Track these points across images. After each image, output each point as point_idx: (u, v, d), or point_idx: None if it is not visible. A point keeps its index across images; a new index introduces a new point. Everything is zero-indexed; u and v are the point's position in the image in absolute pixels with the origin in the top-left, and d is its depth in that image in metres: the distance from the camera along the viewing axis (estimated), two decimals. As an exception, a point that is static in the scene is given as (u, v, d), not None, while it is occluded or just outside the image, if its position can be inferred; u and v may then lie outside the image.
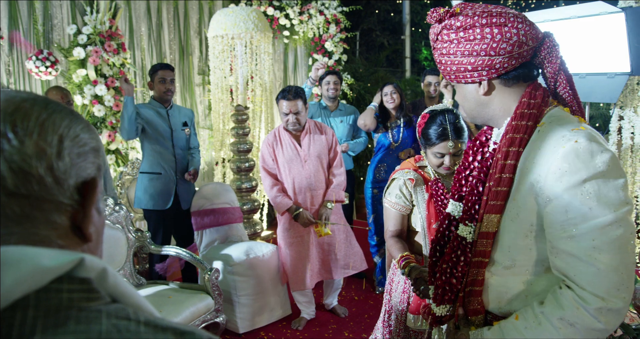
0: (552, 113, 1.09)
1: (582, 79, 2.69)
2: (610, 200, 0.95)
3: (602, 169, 0.95)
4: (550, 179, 0.98)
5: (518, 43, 1.04)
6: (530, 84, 1.11)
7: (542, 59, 1.10)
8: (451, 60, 1.10)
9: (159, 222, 3.33)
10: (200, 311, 2.81)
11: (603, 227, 0.94)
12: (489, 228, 1.10)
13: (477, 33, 1.05)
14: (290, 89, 2.91)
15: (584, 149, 0.96)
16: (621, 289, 0.96)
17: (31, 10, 3.85)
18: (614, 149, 2.78)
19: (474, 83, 1.12)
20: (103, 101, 3.99)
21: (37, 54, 3.64)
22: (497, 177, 1.08)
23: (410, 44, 7.17)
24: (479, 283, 1.13)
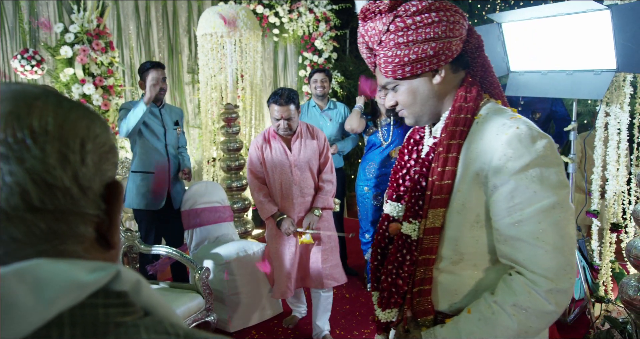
0: (488, 106, 1.11)
1: (569, 75, 2.71)
2: (552, 183, 0.97)
3: (543, 154, 0.97)
4: (495, 167, 0.99)
5: (463, 26, 1.08)
6: (466, 78, 1.13)
7: (472, 47, 1.13)
8: (410, 49, 1.05)
9: (151, 222, 3.30)
10: (191, 311, 2.80)
11: (547, 209, 0.96)
12: (435, 223, 1.08)
13: (434, 16, 1.04)
14: (283, 92, 2.74)
15: (525, 135, 0.98)
16: (567, 269, 0.97)
17: (17, 8, 3.81)
18: (600, 145, 2.81)
19: (431, 71, 1.09)
20: (91, 100, 3.95)
21: (23, 53, 3.60)
22: (440, 170, 1.07)
23: (400, 42, 7.18)
24: (428, 282, 1.11)
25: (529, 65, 2.98)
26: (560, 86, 2.76)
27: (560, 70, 2.76)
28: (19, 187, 0.43)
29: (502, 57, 3.07)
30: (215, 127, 4.43)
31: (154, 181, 3.25)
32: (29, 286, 0.39)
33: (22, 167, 0.43)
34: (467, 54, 1.13)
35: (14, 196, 0.43)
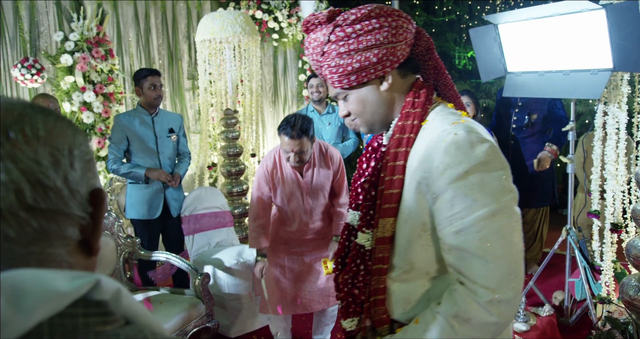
0: (436, 110, 1.08)
1: (565, 75, 2.71)
2: (493, 189, 0.94)
3: (483, 159, 0.94)
4: (434, 175, 0.97)
5: (408, 30, 1.06)
6: (416, 82, 1.11)
7: (422, 50, 1.11)
8: (352, 58, 1.04)
9: (150, 231, 3.31)
10: (192, 316, 2.80)
11: (488, 217, 0.93)
12: (385, 233, 1.06)
13: (375, 22, 1.02)
14: (295, 123, 2.34)
15: (463, 141, 0.95)
16: (510, 278, 0.94)
17: (17, 17, 3.84)
18: (599, 145, 2.79)
19: (377, 78, 1.07)
20: (92, 107, 3.98)
21: (23, 62, 3.63)
22: (388, 179, 1.06)
23: (400, 44, 7.19)
24: (381, 292, 1.09)
25: (526, 66, 2.97)
26: (558, 86, 2.75)
27: (557, 70, 2.75)
28: (14, 186, 0.44)
29: (499, 59, 3.07)
30: (215, 132, 4.45)
31: (148, 191, 3.26)
32: (8, 296, 0.39)
33: (17, 167, 0.44)
34: (417, 57, 1.11)
35: (9, 194, 0.44)
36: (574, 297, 3.10)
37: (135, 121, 3.26)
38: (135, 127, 3.24)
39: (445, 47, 7.36)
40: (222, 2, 5.09)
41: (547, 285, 3.56)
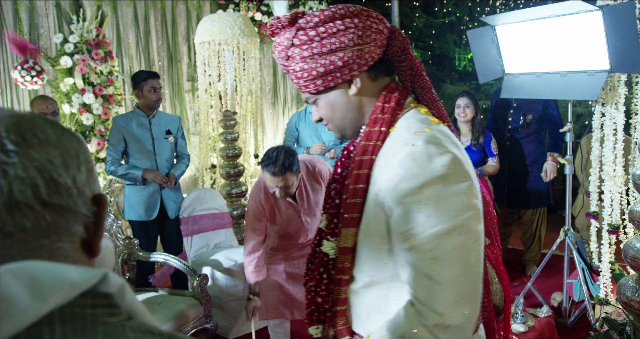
0: (407, 116, 1.02)
1: (563, 77, 2.71)
2: (450, 206, 0.87)
3: (440, 173, 0.87)
4: (390, 187, 0.91)
5: (377, 30, 0.99)
6: (388, 85, 1.05)
7: (397, 50, 1.04)
8: (316, 62, 0.98)
9: (148, 232, 3.32)
10: (190, 317, 2.80)
11: (441, 235, 0.86)
12: (347, 243, 1.01)
13: (339, 24, 0.96)
14: (278, 158, 2.24)
15: (420, 153, 0.89)
16: (462, 303, 0.87)
17: (16, 19, 3.86)
18: (597, 146, 2.79)
19: (344, 82, 1.02)
20: (91, 109, 3.99)
21: (23, 64, 3.64)
22: (352, 188, 1.00)
23: (399, 46, 7.19)
24: (342, 302, 1.05)
25: (523, 68, 2.98)
26: (555, 87, 2.75)
27: (554, 71, 2.76)
28: (31, 181, 0.48)
29: (496, 60, 3.07)
30: (214, 134, 4.46)
31: (146, 192, 3.27)
32: (24, 283, 0.41)
33: (33, 165, 0.49)
34: (392, 58, 1.05)
35: (26, 188, 0.48)
36: (572, 298, 3.10)
37: (133, 122, 3.27)
38: (133, 129, 3.25)
39: (445, 48, 7.36)
40: (221, 4, 5.10)
41: (546, 286, 3.55)
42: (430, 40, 7.39)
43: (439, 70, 7.34)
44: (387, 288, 1.00)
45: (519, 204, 3.89)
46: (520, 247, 4.11)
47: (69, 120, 3.99)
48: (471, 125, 3.53)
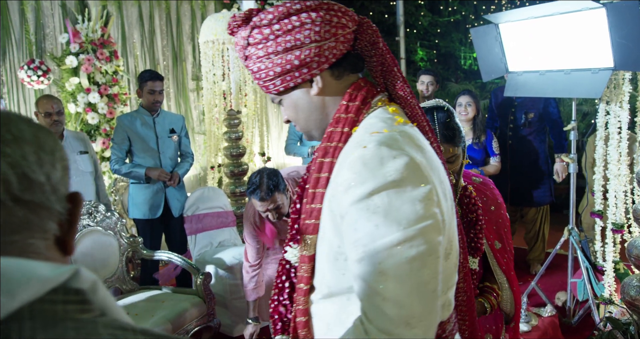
0: (372, 115, 0.93)
1: (566, 75, 2.70)
2: (401, 215, 0.77)
3: (393, 178, 0.78)
4: (339, 193, 0.83)
5: (340, 24, 0.91)
6: (355, 82, 0.97)
7: (365, 44, 0.96)
8: (272, 61, 0.93)
9: (152, 230, 3.34)
10: (193, 315, 2.82)
11: (390, 248, 0.77)
12: (306, 251, 0.94)
13: (295, 20, 0.90)
14: (261, 183, 2.26)
15: (371, 156, 0.80)
16: (412, 323, 0.77)
17: (23, 20, 3.89)
18: (601, 144, 2.78)
19: (304, 82, 0.95)
20: (97, 108, 4.02)
21: (29, 64, 3.68)
22: (311, 192, 0.93)
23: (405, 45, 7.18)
24: (303, 313, 0.98)
25: (527, 66, 2.96)
26: (559, 86, 2.74)
27: (558, 69, 2.74)
28: (3, 177, 0.48)
29: (500, 58, 3.06)
30: (219, 133, 4.47)
31: (150, 190, 3.29)
32: None
33: (5, 160, 0.48)
34: (362, 53, 0.98)
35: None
36: (577, 298, 3.08)
37: (137, 121, 3.30)
38: (137, 127, 3.28)
39: (451, 47, 7.34)
40: (225, 3, 5.12)
41: (550, 285, 3.54)
42: (435, 39, 7.37)
43: (444, 69, 7.31)
44: (347, 299, 0.91)
45: (522, 202, 3.90)
46: (524, 246, 4.10)
47: (75, 119, 4.02)
48: (472, 124, 3.51)
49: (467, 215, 1.54)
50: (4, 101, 3.81)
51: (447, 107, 1.52)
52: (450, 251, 0.91)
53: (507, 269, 1.63)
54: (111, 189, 3.99)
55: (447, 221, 0.87)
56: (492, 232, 1.64)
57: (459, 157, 1.51)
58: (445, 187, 0.90)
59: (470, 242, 1.53)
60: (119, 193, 3.96)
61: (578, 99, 4.72)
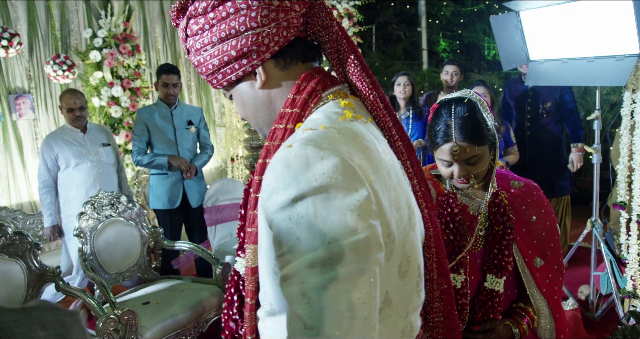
0: (320, 109, 0.82)
1: (590, 62, 2.62)
2: (328, 227, 0.65)
3: (320, 183, 0.66)
4: (264, 199, 0.72)
5: (282, 8, 0.81)
6: (306, 73, 0.85)
7: (318, 30, 0.85)
8: (210, 54, 0.84)
9: (171, 221, 3.41)
10: (212, 305, 2.86)
11: (314, 266, 0.64)
12: (250, 262, 0.84)
13: (230, 6, 0.80)
14: None
15: (295, 157, 0.69)
16: None
17: (49, 16, 3.99)
18: (626, 134, 2.69)
19: (248, 75, 0.86)
20: (119, 102, 4.10)
21: (55, 58, 3.77)
22: (253, 197, 0.83)
23: (427, 35, 7.10)
24: (251, 330, 0.87)
25: (548, 54, 2.89)
26: (582, 74, 2.66)
27: (581, 57, 2.67)
28: None
29: (521, 47, 2.99)
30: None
31: (168, 181, 3.36)
32: None
33: None
34: (316, 39, 0.87)
35: None
36: (600, 291, 3.02)
37: (156, 114, 3.36)
38: (155, 120, 3.34)
39: (474, 37, 7.21)
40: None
41: (573, 279, 3.47)
42: (458, 30, 7.25)
43: (467, 60, 7.20)
44: None
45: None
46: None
47: (99, 113, 4.11)
48: None
49: (494, 227, 1.36)
50: (31, 95, 3.92)
51: (470, 99, 1.32)
52: (407, 269, 0.78)
53: (550, 292, 1.38)
54: (134, 181, 4.07)
55: (399, 234, 0.75)
56: (532, 247, 1.39)
57: (482, 159, 1.30)
58: (399, 194, 0.77)
59: (493, 260, 1.35)
60: (141, 185, 4.04)
61: (605, 89, 4.60)
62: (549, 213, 1.42)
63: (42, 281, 2.42)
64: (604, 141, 3.99)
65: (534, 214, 1.39)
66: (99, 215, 2.83)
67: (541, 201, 1.42)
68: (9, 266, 2.35)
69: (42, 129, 3.97)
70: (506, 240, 1.33)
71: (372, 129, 0.83)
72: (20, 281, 2.37)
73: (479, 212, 1.39)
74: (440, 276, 0.91)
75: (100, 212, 2.85)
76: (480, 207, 1.39)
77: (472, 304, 1.39)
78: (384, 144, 0.83)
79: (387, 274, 0.74)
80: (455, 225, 1.37)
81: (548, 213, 1.41)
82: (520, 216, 1.38)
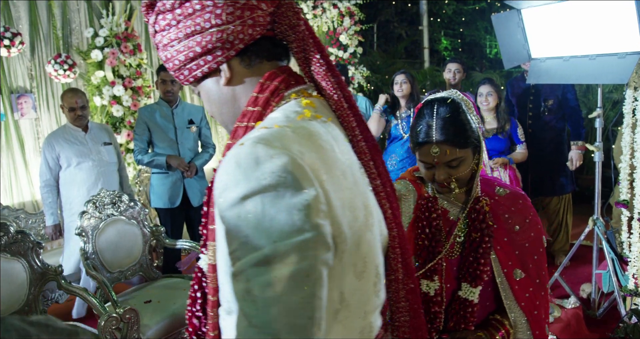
0: (281, 108, 0.83)
1: (592, 60, 2.61)
2: (274, 226, 0.66)
3: (269, 182, 0.67)
4: (216, 196, 0.72)
5: (248, 6, 0.82)
6: (271, 71, 0.87)
7: (285, 28, 0.86)
8: (176, 49, 0.86)
9: (172, 219, 3.42)
10: (214, 303, 2.87)
11: (258, 265, 0.66)
12: (212, 259, 0.83)
13: (196, 3, 0.82)
14: None
15: (246, 155, 0.69)
16: None
17: (50, 15, 3.99)
18: (628, 132, 2.69)
19: (212, 72, 0.87)
20: (121, 101, 4.11)
21: (56, 58, 3.78)
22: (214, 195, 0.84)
23: (428, 34, 7.09)
24: (213, 327, 0.86)
25: (550, 52, 2.88)
26: (583, 71, 2.66)
27: (583, 55, 2.66)
28: None
29: (522, 45, 2.99)
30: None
31: (169, 180, 3.36)
32: None
33: None
34: (284, 38, 0.88)
35: None
36: (602, 289, 3.01)
37: (156, 113, 3.37)
38: (156, 119, 3.35)
39: (476, 36, 7.20)
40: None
41: (574, 277, 3.46)
42: (460, 28, 7.24)
43: (469, 58, 7.19)
44: None
45: (544, 192, 3.85)
46: (548, 237, 4.03)
47: (100, 112, 4.12)
48: (495, 112, 3.45)
49: (471, 234, 1.30)
50: (33, 95, 3.93)
51: (453, 99, 1.28)
52: (364, 270, 0.78)
53: (529, 307, 1.31)
54: (135, 181, 4.08)
55: (352, 235, 0.75)
56: (513, 257, 1.32)
57: (464, 162, 1.26)
58: (354, 194, 0.77)
59: (468, 268, 1.30)
60: (142, 184, 4.05)
61: (608, 87, 4.59)
62: (534, 224, 1.35)
63: (44, 280, 2.42)
64: (606, 139, 3.98)
65: (517, 224, 1.33)
66: (100, 214, 2.84)
67: (526, 210, 1.35)
68: (11, 265, 2.35)
69: (44, 128, 3.98)
70: (483, 249, 1.27)
71: (332, 128, 0.82)
72: (22, 279, 2.37)
73: (459, 218, 1.34)
74: (406, 276, 0.91)
75: (102, 211, 2.86)
76: (460, 213, 1.35)
77: (447, 313, 1.34)
78: (343, 144, 0.83)
79: (341, 275, 0.74)
80: (431, 230, 1.33)
81: (533, 224, 1.35)
82: (503, 225, 1.32)
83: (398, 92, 3.58)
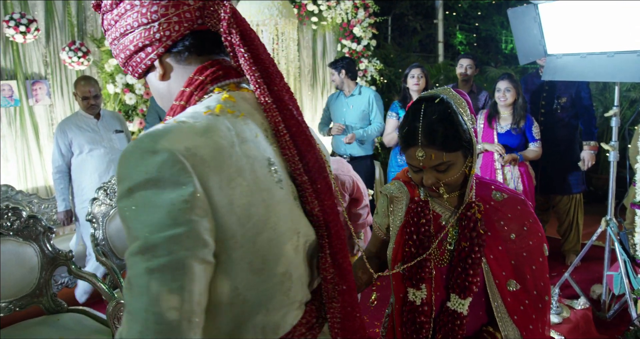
0: (201, 102, 0.85)
1: (610, 58, 2.56)
2: (151, 219, 0.69)
3: (150, 176, 0.69)
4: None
5: (173, 3, 0.85)
6: (202, 66, 0.89)
7: (214, 23, 0.87)
8: (117, 47, 0.91)
9: None
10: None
11: (134, 254, 0.69)
12: None
13: (126, 4, 0.86)
14: None
15: (134, 149, 0.72)
16: None
17: (65, 2, 4.01)
18: (644, 132, 2.63)
19: (150, 67, 0.91)
20: (134, 89, 4.12)
21: (70, 45, 3.80)
22: None
23: (443, 28, 7.01)
24: None
25: (567, 48, 2.83)
26: (601, 69, 2.61)
27: (601, 52, 2.61)
28: None
29: (538, 40, 2.93)
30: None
31: None
32: None
33: None
34: (207, 36, 0.90)
35: None
36: (613, 291, 2.98)
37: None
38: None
39: (492, 30, 7.11)
40: (261, -15, 5.10)
41: (585, 278, 3.43)
42: (475, 22, 7.16)
43: (484, 53, 7.11)
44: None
45: (555, 191, 3.81)
46: (558, 236, 3.98)
47: (113, 100, 4.13)
48: (512, 109, 3.40)
49: (460, 242, 1.22)
50: (48, 81, 3.96)
51: (443, 99, 1.19)
52: (262, 267, 0.79)
53: (523, 321, 1.21)
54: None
55: (244, 232, 0.76)
56: (508, 268, 1.22)
57: (453, 166, 1.18)
58: (252, 192, 0.77)
59: (456, 279, 1.22)
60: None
61: (625, 85, 4.50)
62: (533, 231, 1.25)
63: (55, 265, 2.44)
64: (622, 138, 3.91)
65: (513, 232, 1.23)
66: (111, 201, 2.86)
67: (525, 216, 1.26)
68: (23, 249, 2.38)
69: (57, 114, 4.01)
70: (472, 258, 1.19)
71: (243, 124, 0.82)
72: (34, 264, 2.40)
73: (451, 224, 1.26)
74: (338, 277, 0.90)
75: (113, 198, 2.88)
76: (451, 218, 1.27)
77: (436, 323, 1.27)
78: (253, 140, 0.82)
79: (232, 270, 0.77)
80: (419, 237, 1.26)
81: (532, 231, 1.25)
82: (497, 233, 1.23)
83: (414, 86, 3.55)
